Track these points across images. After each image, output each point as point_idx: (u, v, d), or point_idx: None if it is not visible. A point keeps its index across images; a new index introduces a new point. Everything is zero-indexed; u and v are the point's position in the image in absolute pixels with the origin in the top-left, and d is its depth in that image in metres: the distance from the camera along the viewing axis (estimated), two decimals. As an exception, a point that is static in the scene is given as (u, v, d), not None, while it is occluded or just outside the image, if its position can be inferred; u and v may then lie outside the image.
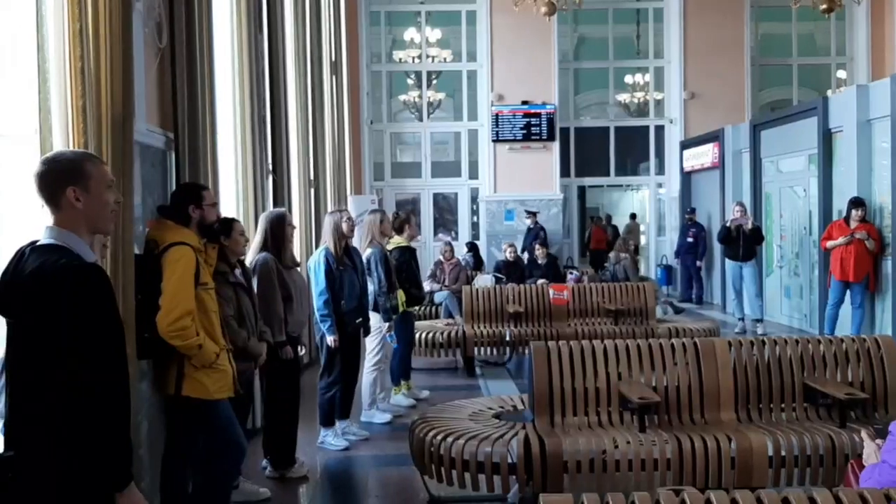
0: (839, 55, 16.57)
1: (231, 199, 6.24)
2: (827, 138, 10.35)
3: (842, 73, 16.52)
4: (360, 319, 5.92)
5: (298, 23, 8.86)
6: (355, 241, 6.29)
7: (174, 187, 4.57)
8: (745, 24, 15.87)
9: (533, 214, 14.43)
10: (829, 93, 12.53)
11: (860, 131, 9.56)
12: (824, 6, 10.55)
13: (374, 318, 6.27)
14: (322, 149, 10.08)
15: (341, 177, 11.72)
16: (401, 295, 6.63)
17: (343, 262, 5.77)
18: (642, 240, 17.80)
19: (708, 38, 15.67)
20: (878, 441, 2.67)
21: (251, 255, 5.05)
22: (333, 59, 11.84)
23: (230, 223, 4.43)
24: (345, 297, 5.72)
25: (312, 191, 9.31)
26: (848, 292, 9.26)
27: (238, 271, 4.49)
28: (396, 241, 6.92)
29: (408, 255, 6.98)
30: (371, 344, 6.38)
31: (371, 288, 6.22)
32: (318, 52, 10.14)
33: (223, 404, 3.91)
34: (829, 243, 9.31)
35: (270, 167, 7.33)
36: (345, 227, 5.81)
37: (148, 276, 3.69)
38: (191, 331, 3.62)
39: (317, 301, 5.70)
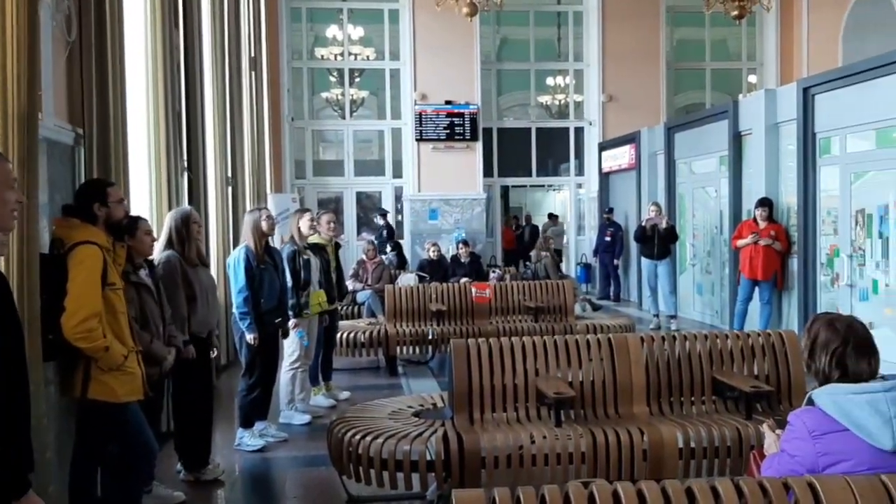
0: (750, 60, 17.19)
1: (144, 197, 6.08)
2: (737, 141, 10.72)
3: (752, 78, 17.13)
4: (280, 319, 5.86)
5: (216, 18, 8.68)
6: (277, 240, 6.22)
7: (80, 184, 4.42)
8: (660, 30, 16.31)
9: (384, 214, 14.64)
10: (739, 97, 12.95)
11: (768, 134, 9.94)
12: (735, 13, 10.93)
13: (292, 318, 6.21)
14: (240, 146, 9.91)
15: (261, 175, 11.55)
16: (320, 295, 6.57)
17: (263, 261, 5.70)
18: (564, 239, 18.06)
19: (625, 43, 16.04)
20: (779, 431, 2.77)
21: (157, 255, 4.92)
22: (253, 55, 11.66)
23: (135, 222, 4.30)
24: (264, 296, 5.65)
25: (230, 189, 9.14)
26: (756, 289, 9.62)
27: (144, 272, 4.37)
28: (312, 239, 6.86)
29: (319, 254, 6.88)
30: (288, 343, 6.31)
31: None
32: (237, 47, 9.97)
33: (132, 407, 3.80)
34: (739, 242, 9.66)
35: (186, 164, 7.16)
36: (264, 225, 5.73)
37: (53, 276, 3.56)
38: (97, 333, 3.51)
39: (236, 299, 5.61)
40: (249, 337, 5.60)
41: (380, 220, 14.72)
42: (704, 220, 11.84)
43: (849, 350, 2.50)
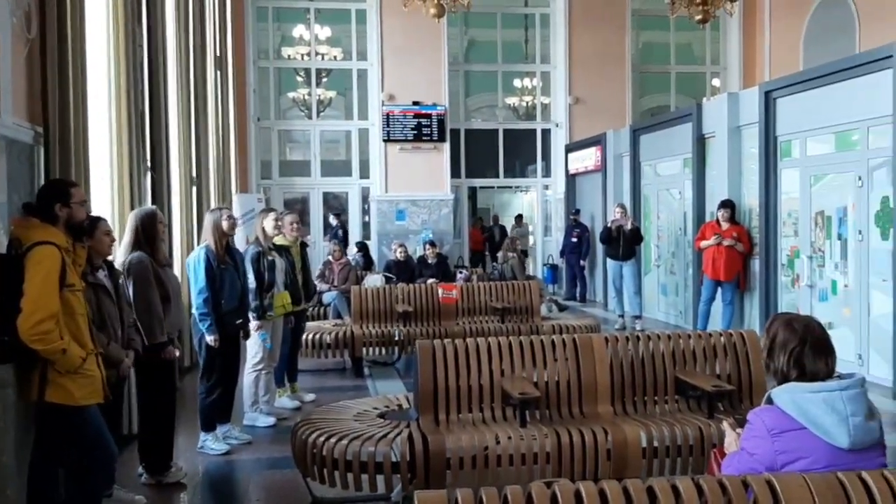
0: (714, 64, 17.41)
1: (105, 197, 6.00)
2: (700, 143, 10.86)
3: (716, 82, 17.36)
4: (241, 320, 5.80)
5: (180, 16, 8.58)
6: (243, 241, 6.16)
7: (43, 184, 4.35)
8: (626, 33, 16.45)
9: (338, 215, 14.55)
10: (703, 100, 13.11)
11: (731, 137, 10.08)
12: (699, 17, 11.05)
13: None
14: (205, 146, 9.80)
15: (226, 175, 11.44)
16: (284, 296, 6.52)
17: (224, 261, 5.64)
18: (530, 240, 18.16)
19: (592, 46, 16.16)
20: (739, 430, 2.81)
21: (122, 256, 4.86)
22: (218, 54, 11.55)
23: (95, 222, 4.25)
24: (224, 297, 5.59)
25: (195, 189, 9.04)
26: (719, 290, 9.75)
27: (102, 273, 4.30)
28: (276, 240, 6.81)
29: (283, 255, 6.82)
30: (251, 345, 6.26)
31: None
32: (202, 46, 9.87)
33: (91, 410, 3.74)
34: (703, 243, 9.78)
35: (149, 164, 7.07)
36: (225, 225, 5.67)
37: (10, 277, 3.48)
38: (54, 335, 3.45)
39: (195, 300, 5.54)
40: (209, 338, 5.53)
41: (333, 221, 14.49)
42: (669, 221, 11.97)
43: (806, 350, 2.55)
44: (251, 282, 6.12)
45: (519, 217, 18.12)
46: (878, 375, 7.56)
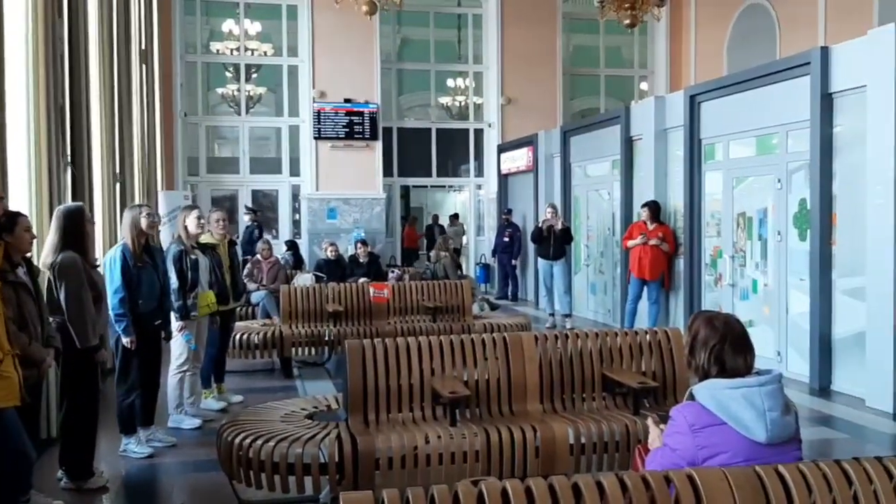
0: (642, 68, 17.77)
1: (23, 193, 5.77)
2: (628, 145, 11.06)
3: (644, 85, 17.73)
4: (160, 321, 5.64)
5: (103, 7, 8.32)
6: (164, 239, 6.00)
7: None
8: (557, 36, 16.67)
9: (253, 212, 14.04)
10: (632, 103, 13.38)
11: (657, 139, 10.30)
12: (628, 21, 11.25)
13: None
14: (129, 141, 9.55)
15: (151, 171, 11.16)
16: (209, 296, 6.38)
17: (142, 260, 5.45)
18: (464, 240, 18.24)
19: (524, 47, 16.32)
20: (662, 426, 2.86)
21: (49, 256, 4.68)
22: (144, 47, 11.25)
23: (14, 218, 4.09)
24: (142, 297, 5.41)
25: (118, 185, 8.79)
26: (645, 289, 9.95)
27: (21, 270, 4.14)
28: (203, 238, 6.66)
29: (210, 254, 6.67)
30: (175, 346, 6.11)
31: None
32: (126, 39, 9.60)
33: (8, 413, 3.60)
34: (630, 243, 9.98)
35: (69, 159, 6.84)
36: (144, 223, 5.48)
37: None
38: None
39: (111, 300, 5.34)
40: (125, 340, 5.33)
41: (247, 219, 13.90)
42: (598, 221, 12.17)
43: (726, 347, 2.60)
44: (173, 282, 5.96)
45: (455, 216, 18.17)
46: (796, 372, 7.83)
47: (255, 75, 16.03)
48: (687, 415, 2.55)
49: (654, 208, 9.89)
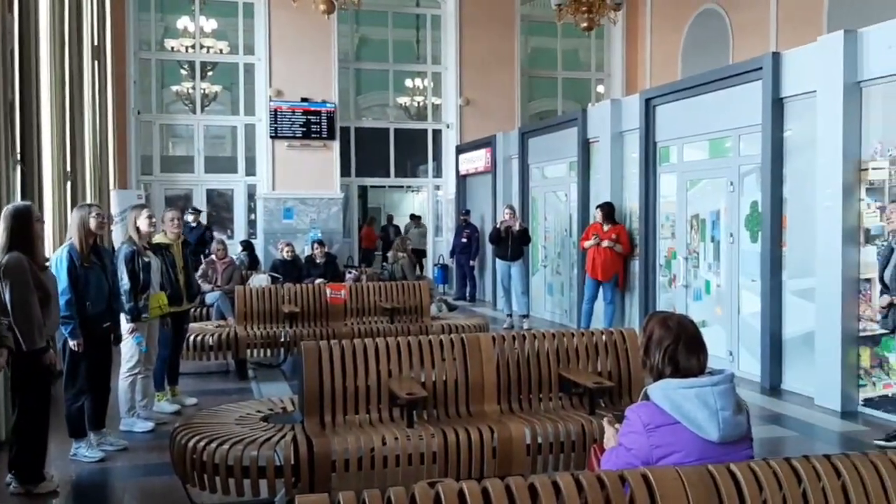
0: (598, 71, 17.95)
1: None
2: (585, 147, 11.17)
3: (601, 88, 17.90)
4: (109, 323, 5.52)
5: (55, 3, 8.14)
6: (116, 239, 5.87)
7: None
8: (515, 38, 16.75)
9: (197, 212, 13.51)
10: (589, 106, 13.50)
11: (614, 142, 10.41)
12: (585, 25, 11.34)
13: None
14: (81, 139, 9.34)
15: (103, 169, 10.94)
16: (160, 297, 6.27)
17: (89, 261, 5.33)
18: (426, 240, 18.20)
19: (482, 49, 16.37)
20: (617, 426, 2.88)
21: (-3, 256, 4.56)
22: (96, 43, 11.02)
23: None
24: (90, 299, 5.29)
25: (69, 184, 8.60)
26: (601, 290, 10.05)
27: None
28: (157, 238, 6.54)
29: (163, 254, 6.55)
30: (125, 348, 5.99)
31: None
32: (78, 35, 9.40)
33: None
34: (585, 244, 10.07)
35: (19, 157, 6.67)
36: (93, 223, 5.35)
37: None
38: None
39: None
40: (72, 343, 5.21)
41: (191, 219, 13.16)
42: (555, 222, 12.26)
43: (680, 347, 2.63)
44: (125, 283, 5.85)
45: (418, 218, 18.13)
46: (748, 371, 7.97)
47: (210, 73, 15.82)
48: (641, 414, 2.58)
49: (608, 209, 10.00)
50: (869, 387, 6.66)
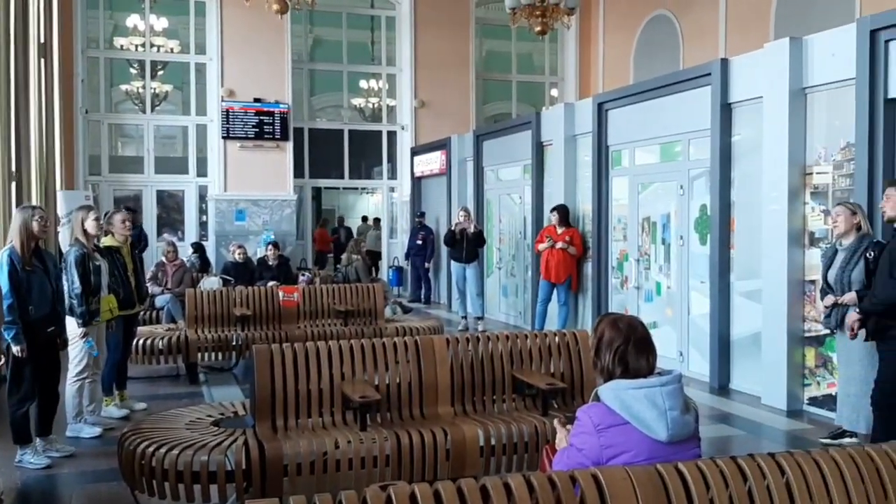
0: (552, 75, 18.09)
1: None
2: (539, 150, 11.25)
3: (555, 92, 18.06)
4: (54, 328, 5.39)
5: (-1, -2, 7.95)
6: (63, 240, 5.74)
7: None
8: (470, 40, 16.80)
9: (132, 212, 13.45)
10: (543, 109, 13.61)
11: (567, 145, 10.51)
12: (539, 28, 11.43)
13: (74, 325, 5.77)
14: (26, 138, 9.12)
15: (49, 170, 10.69)
16: (110, 300, 6.15)
17: (31, 264, 5.20)
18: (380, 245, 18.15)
19: (437, 51, 16.39)
20: (569, 427, 2.91)
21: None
22: (43, 41, 10.77)
23: None
24: (33, 303, 5.16)
25: (14, 184, 8.39)
26: (555, 291, 10.13)
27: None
28: (105, 241, 6.41)
29: (113, 256, 6.42)
30: (73, 352, 5.86)
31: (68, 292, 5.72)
32: (24, 32, 9.19)
33: None
34: (539, 246, 10.15)
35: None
36: (35, 225, 5.22)
37: None
38: None
39: None
40: (15, 349, 5.07)
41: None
42: (510, 225, 12.33)
43: (630, 348, 2.67)
44: (76, 286, 5.72)
45: (377, 220, 18.05)
46: (697, 371, 8.11)
47: (160, 72, 15.56)
48: (592, 415, 2.60)
49: (564, 212, 10.09)
50: (813, 386, 6.82)
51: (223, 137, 15.06)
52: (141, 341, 7.67)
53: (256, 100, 15.16)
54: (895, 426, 5.05)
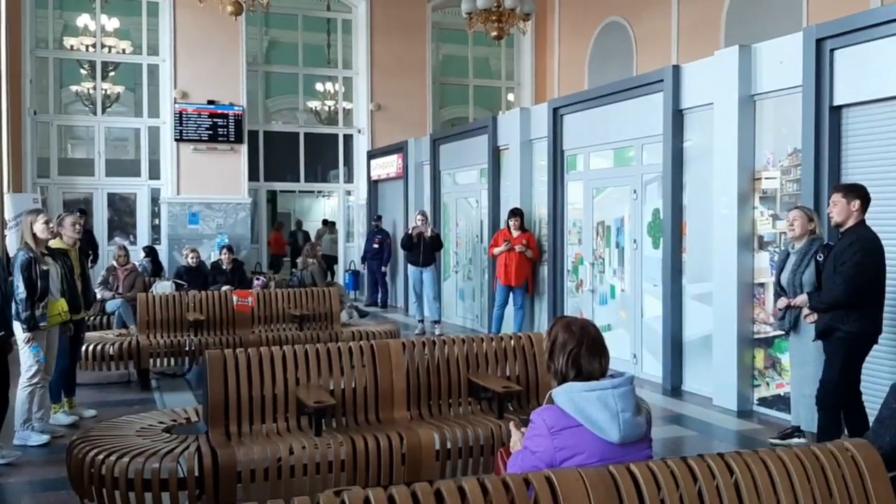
0: (509, 79, 18.20)
1: None
2: (496, 154, 11.31)
3: (511, 96, 18.16)
4: (3, 332, 5.26)
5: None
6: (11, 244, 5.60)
7: None
8: (427, 44, 16.82)
9: (83, 213, 12.43)
10: (499, 113, 13.68)
11: (523, 149, 10.58)
12: (495, 33, 11.51)
13: (20, 330, 5.64)
14: (-29, 139, 8.88)
15: (-5, 172, 10.43)
16: (60, 304, 6.02)
17: None
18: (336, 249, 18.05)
19: (394, 55, 16.38)
20: (524, 429, 2.93)
21: None
22: (-12, 39, 10.52)
23: None
24: None
25: (-43, 186, 8.16)
26: (511, 295, 10.19)
27: None
28: (54, 244, 6.27)
29: (61, 260, 6.28)
30: (25, 357, 5.72)
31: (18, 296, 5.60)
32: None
33: None
34: (496, 250, 10.19)
35: None
36: None
37: None
38: None
39: None
40: None
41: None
42: (467, 228, 12.36)
43: (583, 351, 2.70)
44: (21, 291, 5.59)
45: (332, 224, 17.94)
46: (650, 373, 8.22)
47: (112, 73, 15.28)
48: (546, 418, 2.62)
49: (521, 216, 10.15)
50: (763, 387, 6.96)
51: (176, 140, 14.85)
52: (91, 347, 7.52)
53: (210, 102, 14.97)
54: (840, 425, 5.19)
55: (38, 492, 5.01)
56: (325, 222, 18.23)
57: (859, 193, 5.11)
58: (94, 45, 14.91)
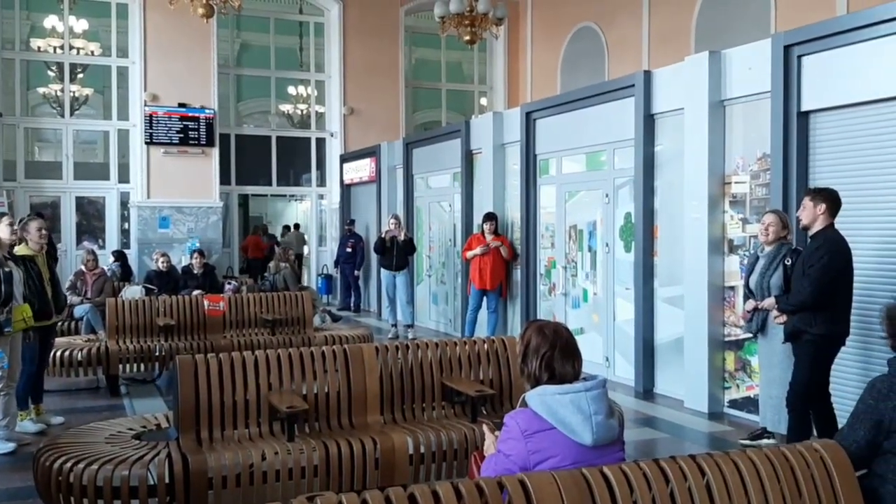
0: (481, 84, 18.26)
1: None
2: (469, 158, 11.32)
3: (484, 100, 18.22)
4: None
5: None
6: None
7: None
8: (400, 48, 16.82)
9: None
10: (472, 117, 13.71)
11: (496, 153, 10.60)
12: (468, 38, 11.55)
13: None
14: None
15: (-40, 175, 10.25)
16: (24, 310, 5.91)
17: None
18: (305, 249, 17.95)
19: (366, 58, 16.36)
20: (497, 432, 2.93)
21: None
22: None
23: None
24: None
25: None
26: (485, 299, 10.20)
27: None
28: (20, 249, 6.17)
29: (27, 265, 6.18)
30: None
31: None
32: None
33: None
34: (469, 254, 10.20)
35: None
36: None
37: None
38: None
39: None
40: None
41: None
42: (440, 232, 12.36)
43: (556, 354, 2.70)
44: None
45: (296, 225, 17.81)
46: (623, 376, 8.27)
47: (80, 75, 15.10)
48: (519, 421, 2.63)
49: (495, 220, 10.17)
50: (733, 389, 7.03)
51: (146, 143, 14.70)
52: (59, 353, 7.40)
53: (181, 105, 14.85)
54: (809, 426, 5.26)
55: (4, 501, 4.91)
56: (287, 228, 18.08)
57: (826, 197, 5.17)
58: (62, 47, 14.73)
